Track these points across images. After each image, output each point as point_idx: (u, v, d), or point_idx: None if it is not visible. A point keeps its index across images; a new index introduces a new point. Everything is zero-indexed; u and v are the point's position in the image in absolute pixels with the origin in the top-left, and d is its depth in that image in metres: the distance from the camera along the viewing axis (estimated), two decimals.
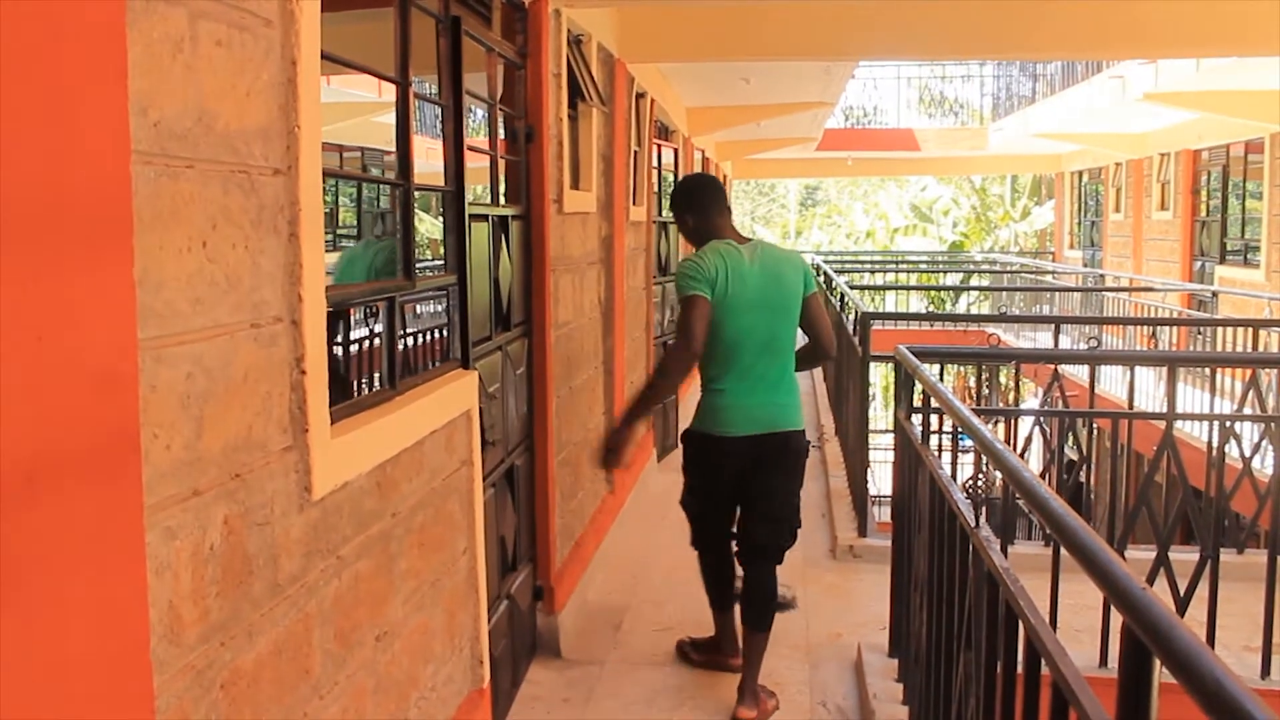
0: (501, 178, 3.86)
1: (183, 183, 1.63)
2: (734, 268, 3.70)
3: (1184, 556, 4.28)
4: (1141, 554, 3.82)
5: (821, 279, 12.68)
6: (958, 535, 2.57)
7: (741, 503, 3.91)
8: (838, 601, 5.02)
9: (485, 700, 3.25)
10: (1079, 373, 8.31)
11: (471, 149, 3.32)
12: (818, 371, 12.32)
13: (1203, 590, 3.91)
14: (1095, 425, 5.46)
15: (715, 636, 4.19)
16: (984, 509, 2.53)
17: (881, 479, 9.61)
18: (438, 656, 2.88)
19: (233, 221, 1.78)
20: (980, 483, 2.64)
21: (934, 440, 3.45)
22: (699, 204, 3.92)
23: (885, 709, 3.57)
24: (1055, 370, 5.51)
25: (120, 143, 1.40)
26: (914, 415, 3.70)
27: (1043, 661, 1.77)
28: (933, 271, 21.81)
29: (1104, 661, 3.74)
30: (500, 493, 3.70)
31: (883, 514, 8.87)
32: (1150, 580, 3.80)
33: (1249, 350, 7.20)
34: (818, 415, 9.64)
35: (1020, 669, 1.86)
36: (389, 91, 2.80)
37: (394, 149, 2.78)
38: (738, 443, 3.77)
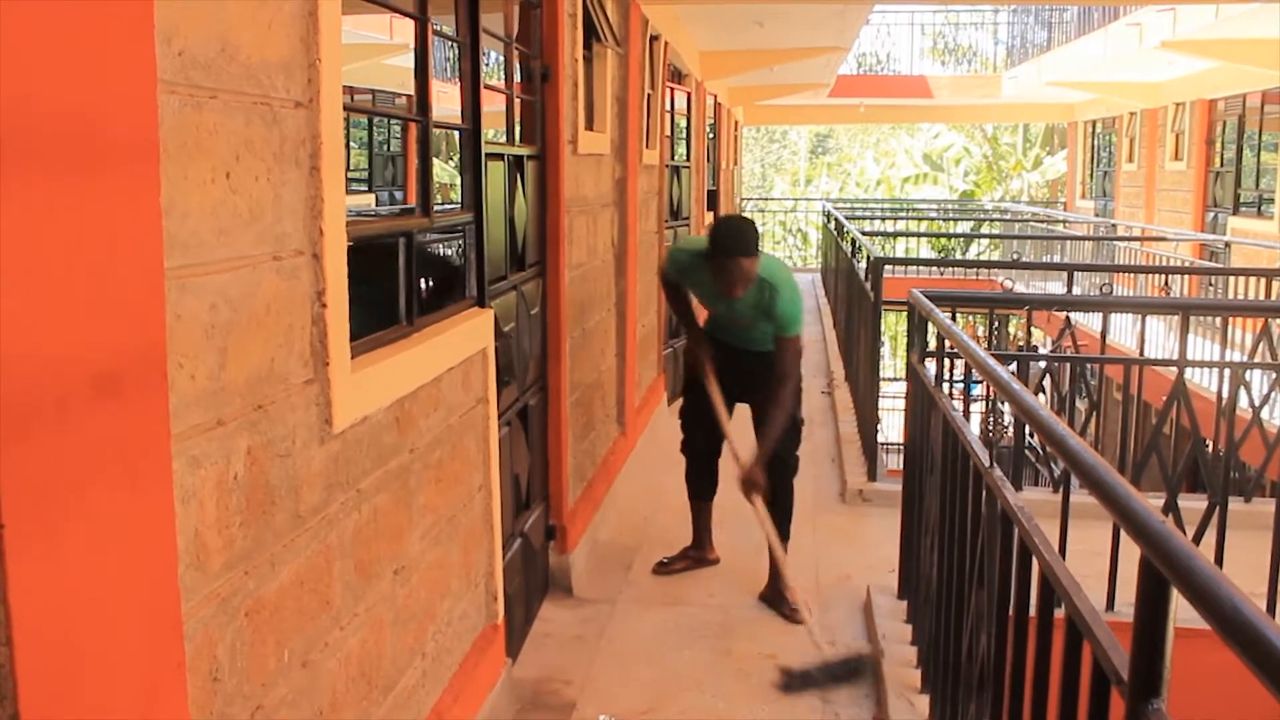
0: (517, 118, 3.84)
1: (206, 113, 1.63)
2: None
3: (1191, 504, 4.30)
4: (1150, 501, 3.82)
5: (832, 225, 12.65)
6: (971, 476, 2.59)
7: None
8: (847, 545, 5.06)
9: (499, 636, 3.29)
10: (1090, 324, 8.30)
11: (488, 88, 3.30)
12: (828, 319, 12.32)
13: (1209, 539, 3.93)
14: (1105, 375, 5.46)
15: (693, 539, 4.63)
16: (993, 455, 2.54)
17: (889, 427, 9.65)
18: (454, 592, 2.92)
19: (255, 153, 1.78)
20: (994, 425, 2.65)
21: (945, 387, 3.46)
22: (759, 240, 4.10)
23: (894, 649, 3.61)
24: (1067, 317, 5.51)
25: (147, 70, 1.40)
26: (927, 359, 3.71)
27: (1056, 600, 1.79)
28: (943, 219, 21.68)
29: (1110, 606, 3.77)
30: (514, 431, 3.72)
31: (891, 461, 8.92)
32: None
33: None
34: (827, 362, 9.65)
35: (1034, 607, 1.88)
36: (400, 33, 2.78)
37: (412, 87, 2.76)
38: None
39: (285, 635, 1.92)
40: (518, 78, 3.87)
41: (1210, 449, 5.11)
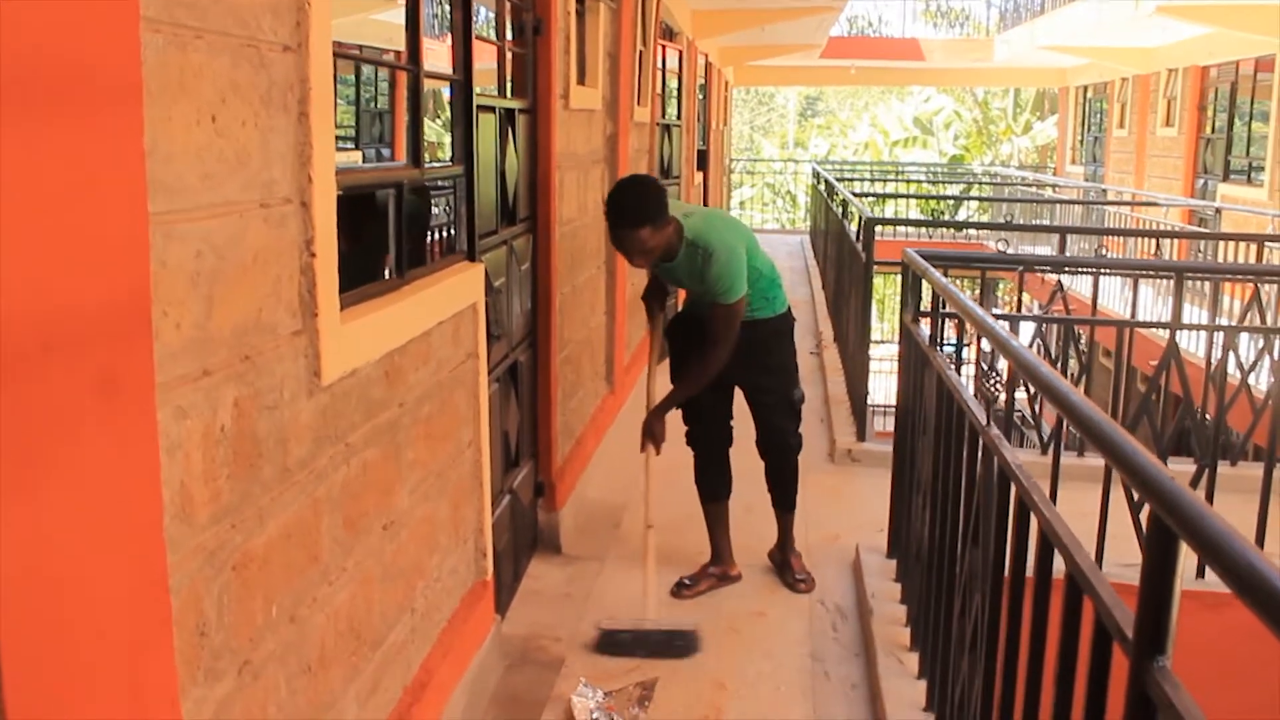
0: (509, 72, 3.77)
1: (191, 53, 1.57)
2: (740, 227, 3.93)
3: (1179, 468, 4.30)
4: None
5: (823, 187, 12.57)
6: (966, 435, 2.57)
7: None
8: (835, 504, 5.06)
9: (488, 592, 3.28)
10: (1080, 290, 8.29)
11: (479, 39, 3.24)
12: (816, 280, 12.28)
13: None
14: (1095, 341, 5.45)
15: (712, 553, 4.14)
16: (990, 413, 2.52)
17: (875, 390, 9.60)
18: (443, 547, 2.90)
19: (242, 97, 1.73)
20: (991, 383, 2.63)
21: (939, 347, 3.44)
22: (664, 204, 3.61)
23: (884, 607, 3.61)
24: (1059, 280, 5.49)
25: (129, 6, 1.34)
26: (921, 319, 3.68)
27: (1055, 557, 1.78)
28: (932, 182, 21.62)
29: (1099, 566, 3.76)
30: (504, 387, 3.69)
31: (878, 423, 8.92)
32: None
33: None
34: (815, 323, 9.63)
35: (1031, 565, 1.86)
36: None
37: (401, 42, 2.71)
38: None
39: (273, 590, 1.89)
40: (509, 30, 3.80)
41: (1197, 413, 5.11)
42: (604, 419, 5.45)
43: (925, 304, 3.75)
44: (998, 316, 4.70)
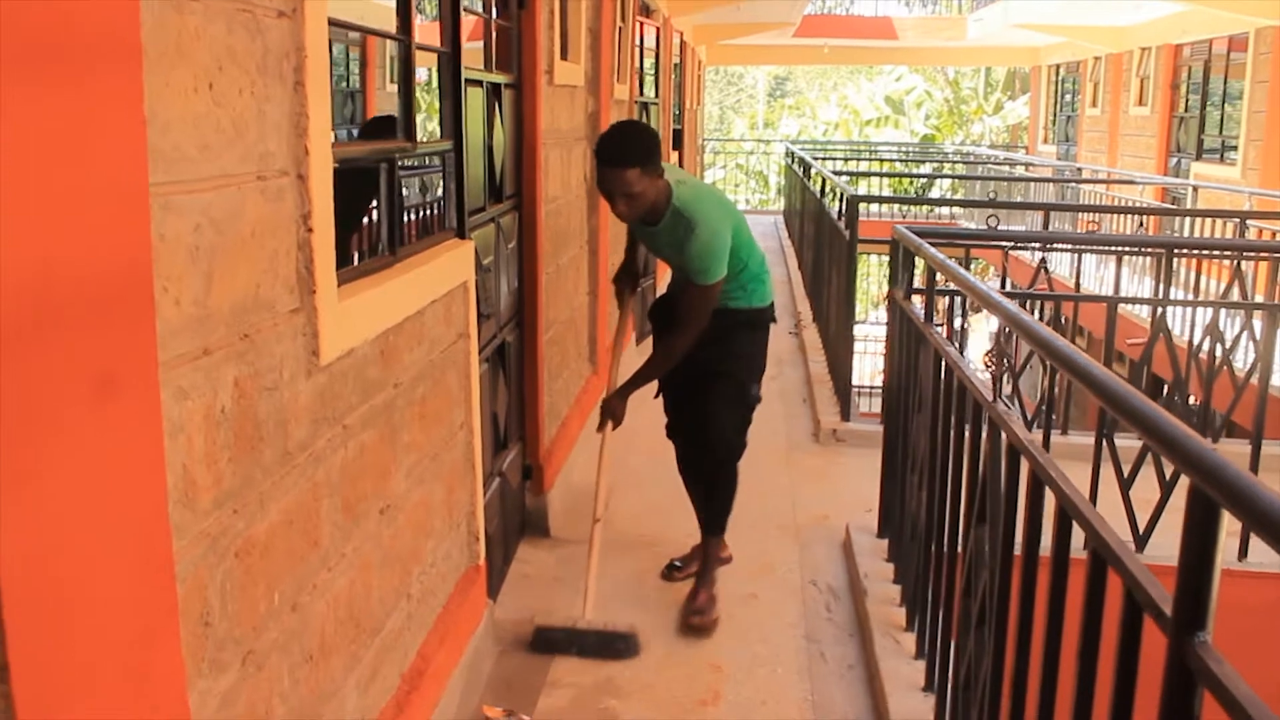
0: (494, 46, 3.70)
1: (188, 17, 1.51)
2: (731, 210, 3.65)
3: None
4: (1129, 442, 3.82)
5: (797, 166, 12.52)
6: (969, 411, 2.54)
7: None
8: (822, 485, 5.04)
9: (481, 576, 3.23)
10: (1061, 272, 8.31)
11: (467, 11, 3.17)
12: (792, 260, 12.26)
13: (1184, 481, 3.92)
14: (1078, 324, 5.45)
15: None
16: (999, 389, 2.49)
17: (856, 371, 9.58)
18: (437, 532, 2.84)
19: (239, 64, 1.66)
20: (998, 362, 2.60)
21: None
22: (656, 151, 3.44)
23: (877, 587, 3.60)
24: (1043, 259, 5.49)
25: None
26: (913, 295, 3.65)
27: (1074, 531, 1.75)
28: (904, 161, 21.63)
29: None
30: (493, 368, 3.63)
31: (862, 404, 8.92)
32: (1137, 466, 3.81)
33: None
34: (794, 303, 9.60)
35: (1048, 542, 1.83)
36: None
37: (375, 19, 2.63)
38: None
39: (275, 577, 1.84)
40: (494, 4, 3.73)
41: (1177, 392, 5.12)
42: (588, 400, 5.39)
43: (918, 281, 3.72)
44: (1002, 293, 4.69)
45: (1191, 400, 4.97)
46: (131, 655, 1.29)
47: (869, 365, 14.74)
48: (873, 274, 21.29)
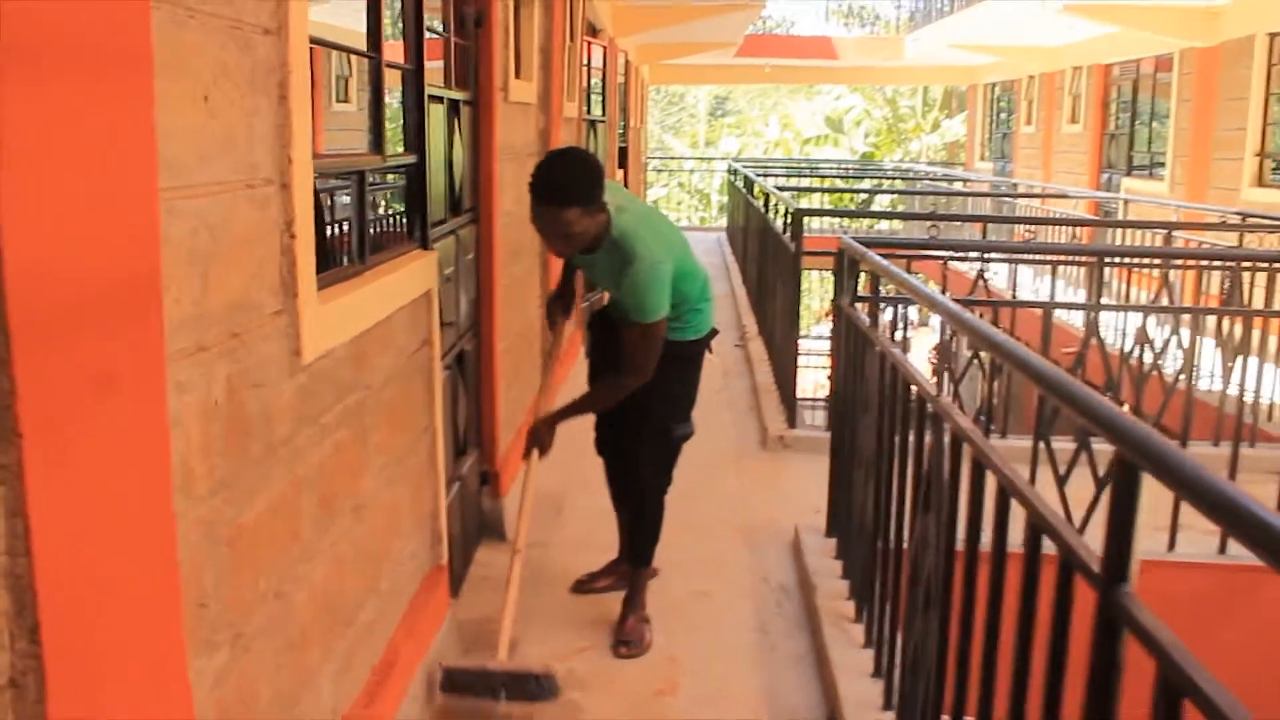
0: (453, 64, 3.81)
1: (188, 32, 1.61)
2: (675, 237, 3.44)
3: (1101, 447, 4.50)
4: (1065, 444, 4.01)
5: (740, 183, 12.73)
6: (914, 407, 2.69)
7: None
8: (770, 489, 5.18)
9: (444, 576, 3.32)
10: (997, 283, 8.57)
11: (429, 30, 3.28)
12: (736, 275, 12.45)
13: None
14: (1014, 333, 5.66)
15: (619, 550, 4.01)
16: (942, 384, 2.65)
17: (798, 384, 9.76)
18: (404, 532, 2.94)
19: (231, 79, 1.76)
20: (943, 360, 2.75)
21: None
22: (600, 185, 3.18)
23: (826, 583, 3.73)
24: (981, 270, 5.69)
25: None
26: (858, 303, 3.81)
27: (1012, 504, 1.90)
28: (843, 178, 21.99)
29: None
30: (453, 376, 3.73)
31: (805, 417, 9.10)
32: (1071, 464, 3.99)
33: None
34: (739, 316, 9.78)
35: (992, 524, 1.98)
36: None
37: (337, 37, 2.73)
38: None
39: (262, 565, 1.93)
40: (453, 23, 3.84)
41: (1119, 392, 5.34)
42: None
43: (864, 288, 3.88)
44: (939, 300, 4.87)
45: (1125, 407, 5.20)
46: (144, 634, 1.38)
47: (810, 379, 14.95)
48: (814, 290, 21.59)
